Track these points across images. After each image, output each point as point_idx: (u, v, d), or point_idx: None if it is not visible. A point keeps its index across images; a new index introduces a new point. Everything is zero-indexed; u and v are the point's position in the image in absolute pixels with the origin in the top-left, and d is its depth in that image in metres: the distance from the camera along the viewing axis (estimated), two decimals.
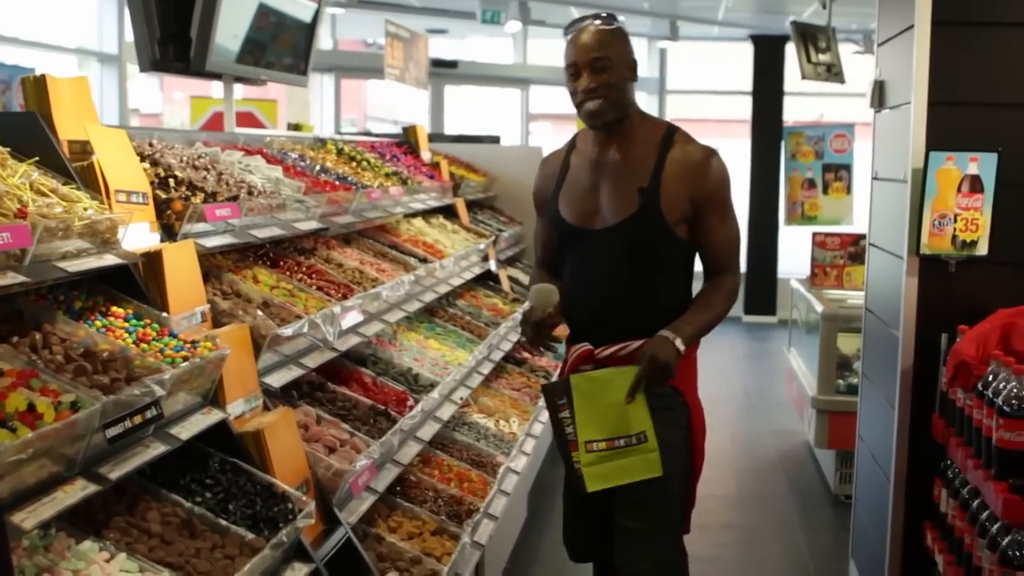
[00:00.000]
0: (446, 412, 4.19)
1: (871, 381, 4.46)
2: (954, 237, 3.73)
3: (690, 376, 3.16)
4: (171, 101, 16.62)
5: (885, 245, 4.22)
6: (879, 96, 4.34)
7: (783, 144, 10.34)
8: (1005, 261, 3.75)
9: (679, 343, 2.91)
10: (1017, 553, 3.01)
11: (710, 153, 3.07)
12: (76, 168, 2.66)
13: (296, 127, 6.95)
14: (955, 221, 3.72)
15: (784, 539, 5.60)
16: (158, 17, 4.07)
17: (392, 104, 16.65)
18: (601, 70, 2.97)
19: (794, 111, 13.38)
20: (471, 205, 7.12)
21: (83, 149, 2.72)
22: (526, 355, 5.99)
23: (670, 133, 3.09)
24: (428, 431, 3.91)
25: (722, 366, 10.39)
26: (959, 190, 3.70)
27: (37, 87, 2.68)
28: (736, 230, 3.15)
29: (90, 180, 2.67)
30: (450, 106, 12.40)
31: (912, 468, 3.91)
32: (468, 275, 5.68)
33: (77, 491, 2.01)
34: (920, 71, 3.73)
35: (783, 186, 10.53)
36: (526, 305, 3.18)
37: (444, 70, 11.34)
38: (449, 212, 6.39)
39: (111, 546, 2.12)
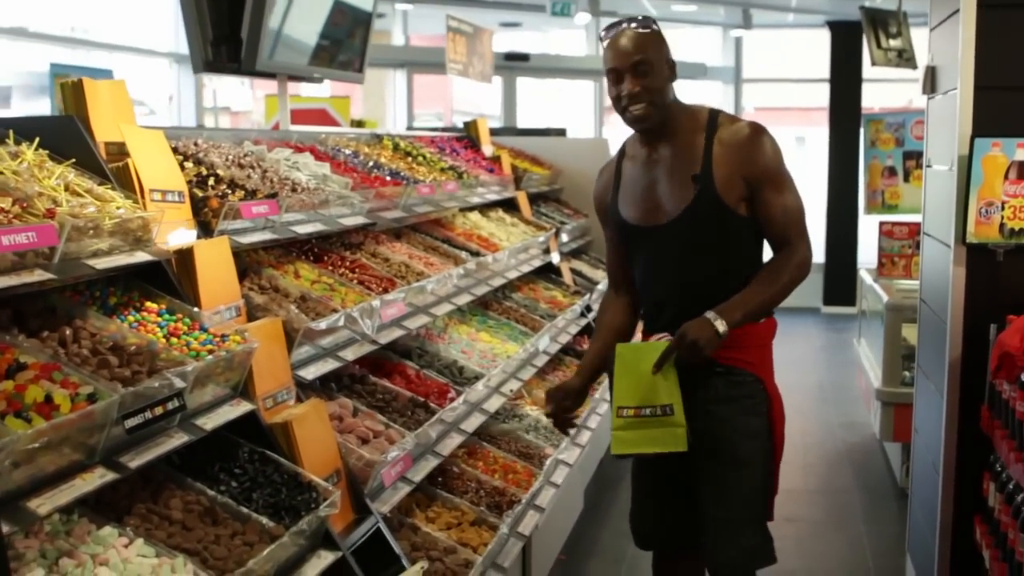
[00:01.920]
0: (493, 404, 4.24)
1: (924, 373, 4.39)
2: (1002, 225, 3.65)
3: (767, 363, 3.18)
4: (258, 99, 17.00)
5: (936, 234, 4.15)
6: (931, 82, 4.26)
7: (862, 132, 10.15)
8: None
9: (720, 324, 2.91)
10: None
11: (756, 129, 3.06)
12: (112, 169, 2.77)
13: (359, 124, 7.06)
14: (1003, 209, 3.64)
15: (845, 533, 5.54)
16: (210, 19, 4.20)
17: (478, 98, 16.78)
18: (643, 74, 2.98)
19: (878, 98, 13.12)
20: (535, 198, 7.15)
21: (120, 150, 2.83)
22: (587, 346, 6.00)
23: (713, 117, 3.11)
24: (473, 423, 3.96)
25: (798, 357, 10.26)
26: (1006, 177, 3.62)
27: (75, 91, 2.79)
28: (796, 200, 3.10)
29: (125, 180, 2.77)
30: (526, 99, 12.45)
31: (961, 461, 3.85)
32: (526, 268, 5.72)
33: (96, 479, 2.10)
34: (966, 55, 3.65)
35: (863, 174, 10.32)
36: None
37: (516, 63, 11.39)
38: (511, 205, 6.44)
39: (131, 532, 2.22)
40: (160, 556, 2.19)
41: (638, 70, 2.98)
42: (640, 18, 3.09)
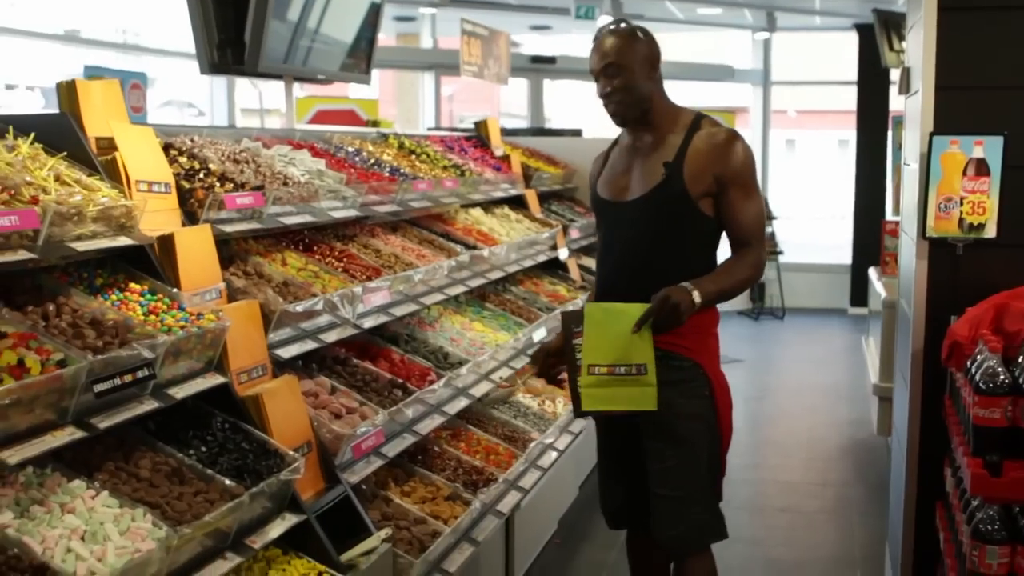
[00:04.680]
0: (480, 390, 4.44)
1: (898, 366, 4.53)
2: (961, 220, 3.79)
3: (709, 349, 3.36)
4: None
5: (908, 230, 4.29)
6: (907, 83, 4.40)
7: (890, 134, 10.20)
8: (1014, 243, 3.78)
9: (696, 295, 3.10)
10: (987, 528, 3.09)
11: (733, 135, 3.30)
12: (101, 162, 3.01)
13: (374, 124, 7.31)
14: (961, 204, 3.78)
15: (837, 524, 5.67)
16: (216, 22, 4.45)
17: (523, 100, 17.00)
18: (613, 75, 3.26)
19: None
20: (548, 196, 7.35)
21: (109, 145, 3.07)
22: None
23: (698, 119, 3.35)
24: (456, 406, 4.17)
25: (819, 357, 10.38)
26: (964, 173, 3.76)
27: (69, 91, 3.04)
28: (759, 209, 3.32)
29: (113, 172, 3.02)
30: (559, 101, 12.63)
31: (925, 450, 3.98)
32: (528, 262, 5.91)
33: (65, 436, 2.34)
34: (927, 56, 3.80)
35: (890, 177, 10.38)
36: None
37: (543, 66, 11.60)
38: (520, 203, 6.64)
39: (98, 485, 2.45)
40: (123, 507, 2.42)
41: (608, 71, 3.26)
42: (620, 23, 3.36)
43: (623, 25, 3.33)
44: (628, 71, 3.24)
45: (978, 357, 3.28)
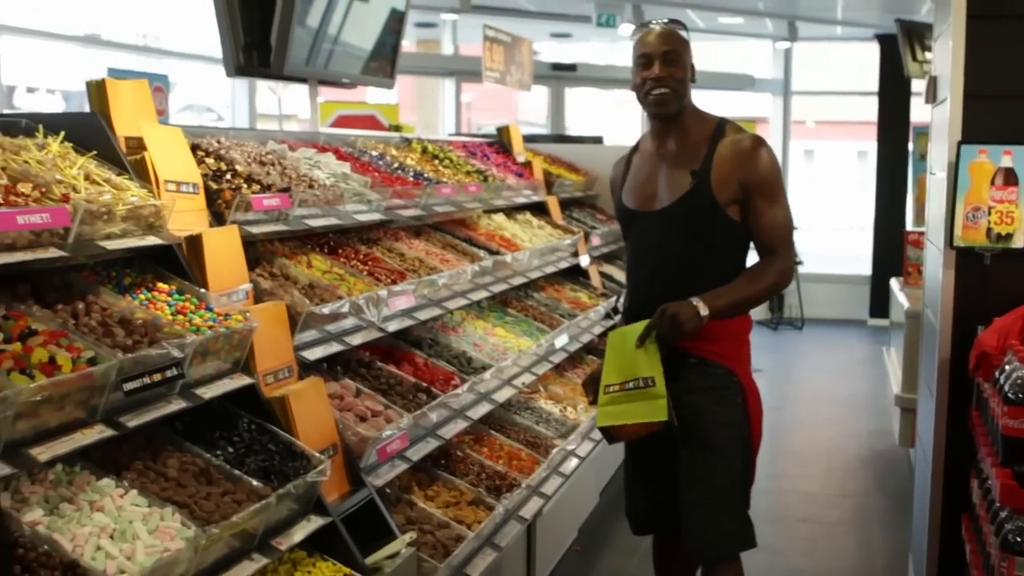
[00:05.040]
0: (503, 395, 4.43)
1: (923, 376, 4.50)
2: (988, 230, 3.77)
3: (742, 356, 3.35)
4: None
5: (934, 239, 4.26)
6: (933, 92, 4.38)
7: (911, 145, 10.17)
8: None
9: (702, 307, 3.10)
10: (1017, 539, 3.06)
11: (758, 142, 3.28)
12: (130, 161, 3.02)
13: (396, 128, 7.32)
14: (989, 214, 3.76)
15: (857, 534, 5.64)
16: (242, 24, 4.46)
17: (542, 108, 17.03)
18: (672, 63, 3.24)
19: (928, 111, 13.06)
20: (569, 203, 7.35)
21: (139, 144, 3.08)
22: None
23: (721, 125, 3.33)
24: (479, 411, 4.16)
25: (838, 368, 10.35)
26: (992, 183, 3.74)
27: (99, 90, 3.06)
28: (786, 213, 3.30)
29: (142, 172, 3.03)
30: (580, 108, 12.63)
31: (951, 461, 3.95)
32: (550, 269, 5.90)
33: (95, 434, 2.34)
34: (956, 65, 3.79)
35: (911, 187, 10.34)
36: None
37: (564, 73, 11.61)
38: (542, 210, 6.64)
39: (127, 484, 2.45)
40: (152, 506, 2.42)
41: (667, 58, 3.23)
42: (671, 20, 3.35)
43: (676, 21, 3.34)
44: (683, 64, 3.25)
45: (1007, 367, 3.26)
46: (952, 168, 3.77)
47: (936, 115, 4.38)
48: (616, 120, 17.02)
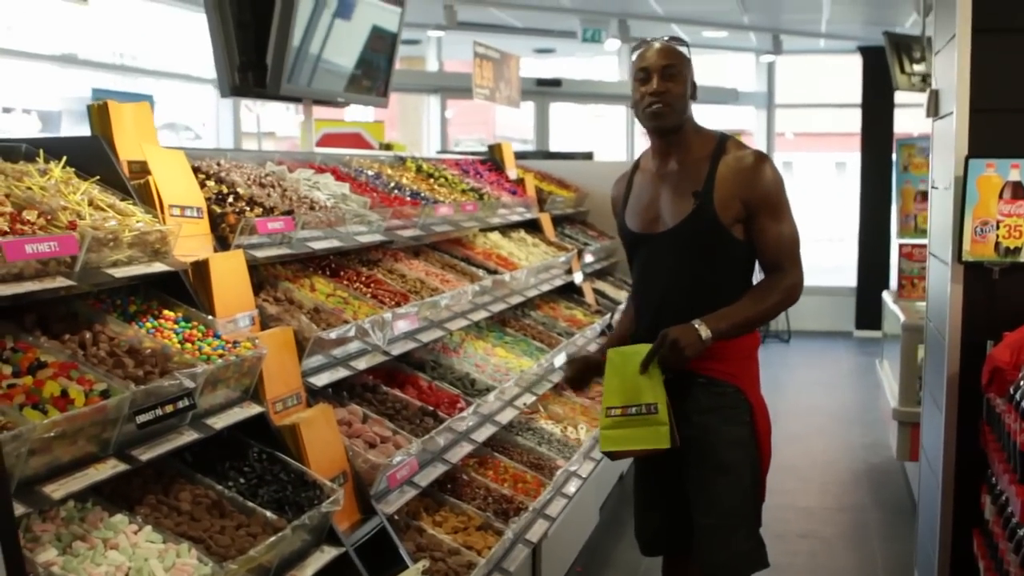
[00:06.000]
0: (506, 416, 4.38)
1: (929, 390, 4.47)
2: (997, 244, 3.75)
3: (751, 374, 3.31)
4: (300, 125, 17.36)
5: (939, 253, 4.24)
6: (935, 105, 4.37)
7: (895, 156, 10.19)
8: None
9: (703, 331, 3.04)
10: None
11: (760, 158, 3.23)
12: (134, 186, 2.95)
13: (387, 147, 7.26)
14: (998, 228, 3.74)
15: (858, 550, 5.60)
16: (238, 45, 4.40)
17: (520, 123, 17.02)
18: (670, 78, 3.17)
19: (912, 123, 13.13)
20: (560, 220, 7.31)
21: (142, 169, 3.01)
22: None
23: (722, 141, 3.27)
24: (483, 433, 4.11)
25: (827, 380, 10.34)
26: (1001, 197, 3.72)
27: (101, 113, 2.99)
28: (791, 229, 3.26)
29: (146, 197, 2.96)
30: (564, 124, 12.61)
31: (961, 476, 3.93)
32: (546, 287, 5.86)
33: (108, 469, 2.28)
34: (961, 78, 3.77)
35: (895, 199, 10.36)
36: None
37: (548, 88, 11.59)
38: (535, 227, 6.59)
39: (140, 520, 2.38)
40: (167, 543, 2.35)
41: (666, 72, 3.17)
42: (672, 37, 3.30)
43: (678, 38, 3.30)
44: (682, 80, 3.20)
45: (1022, 383, 3.23)
46: (960, 182, 3.75)
47: (938, 128, 4.37)
48: (593, 133, 17.04)
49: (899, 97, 12.17)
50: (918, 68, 8.32)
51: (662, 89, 3.16)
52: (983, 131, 3.78)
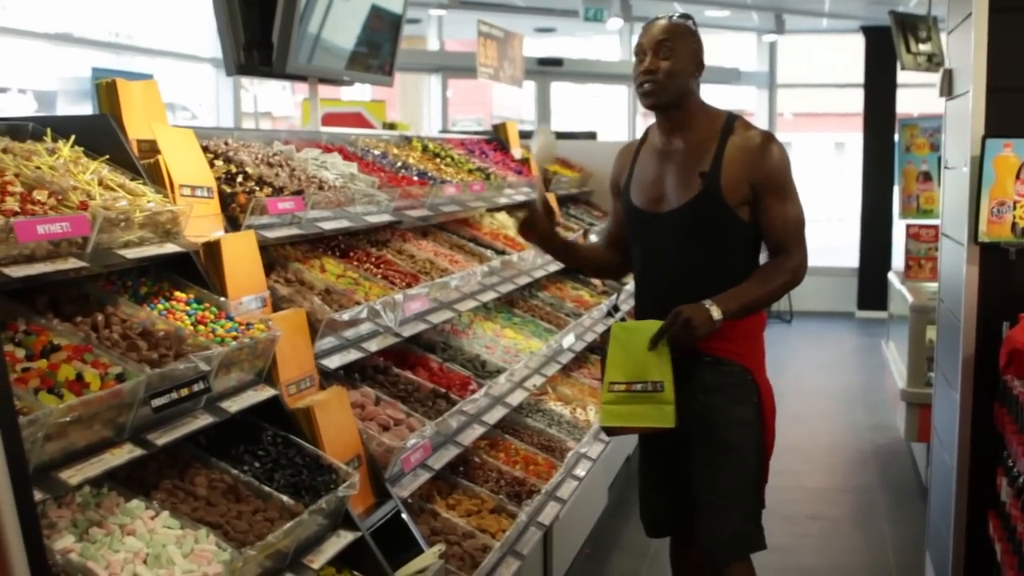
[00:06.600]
0: (516, 398, 4.34)
1: (941, 372, 4.44)
2: (1014, 225, 3.71)
3: (757, 354, 3.29)
4: (298, 104, 17.27)
5: (952, 234, 4.20)
6: (948, 84, 4.32)
7: (897, 136, 10.14)
8: None
9: (715, 310, 3.02)
10: None
11: (768, 138, 3.19)
12: (144, 165, 2.90)
13: (391, 126, 7.20)
14: (1015, 208, 3.70)
15: (867, 531, 5.59)
16: (243, 23, 4.34)
17: (517, 102, 16.93)
18: (664, 56, 3.12)
19: (914, 103, 13.08)
20: (565, 200, 7.26)
21: (152, 148, 2.96)
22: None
23: (730, 121, 3.23)
24: (495, 415, 4.07)
25: (829, 361, 10.32)
26: (1018, 177, 3.68)
27: (109, 91, 2.93)
28: (797, 210, 3.21)
29: (156, 176, 2.91)
30: (564, 103, 12.54)
31: (976, 458, 3.90)
32: (552, 267, 5.81)
33: (124, 454, 2.23)
34: (978, 57, 3.72)
35: (897, 179, 10.31)
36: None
37: (550, 68, 11.51)
38: None
39: (157, 505, 2.34)
40: (184, 528, 2.31)
41: (660, 49, 3.12)
42: (680, 13, 3.26)
43: (684, 15, 3.26)
44: (677, 56, 3.13)
45: None
46: (976, 162, 3.71)
47: (952, 108, 4.32)
48: (594, 113, 16.95)
49: (901, 77, 12.12)
50: (924, 48, 8.26)
51: (653, 67, 3.12)
52: (1000, 111, 3.73)
